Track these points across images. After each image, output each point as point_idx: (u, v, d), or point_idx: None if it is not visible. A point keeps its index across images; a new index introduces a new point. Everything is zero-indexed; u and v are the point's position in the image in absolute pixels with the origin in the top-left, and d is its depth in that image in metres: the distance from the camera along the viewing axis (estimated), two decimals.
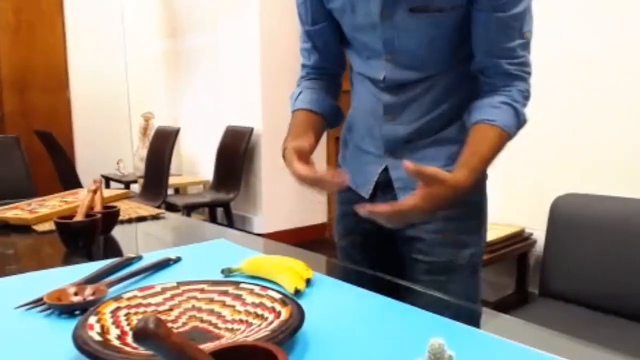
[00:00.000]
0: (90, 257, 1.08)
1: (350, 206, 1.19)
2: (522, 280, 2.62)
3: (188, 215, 3.84)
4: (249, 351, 0.48)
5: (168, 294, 0.77)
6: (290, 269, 0.87)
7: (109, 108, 5.05)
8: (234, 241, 1.15)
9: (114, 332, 0.65)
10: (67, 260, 1.08)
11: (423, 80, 1.03)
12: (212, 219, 4.34)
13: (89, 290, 0.80)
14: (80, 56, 4.89)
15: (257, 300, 0.74)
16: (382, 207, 0.84)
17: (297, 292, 0.81)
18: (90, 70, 4.93)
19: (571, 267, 1.91)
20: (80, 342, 0.60)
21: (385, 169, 1.09)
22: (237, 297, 0.76)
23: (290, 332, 0.63)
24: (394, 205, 0.83)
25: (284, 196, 4.24)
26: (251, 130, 4.10)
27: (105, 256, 1.02)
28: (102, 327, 0.65)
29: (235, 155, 4.13)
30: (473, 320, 0.78)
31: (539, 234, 2.41)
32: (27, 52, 4.65)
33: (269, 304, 0.72)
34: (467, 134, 0.96)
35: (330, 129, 1.17)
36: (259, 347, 0.49)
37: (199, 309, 0.75)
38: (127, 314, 0.70)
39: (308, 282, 0.87)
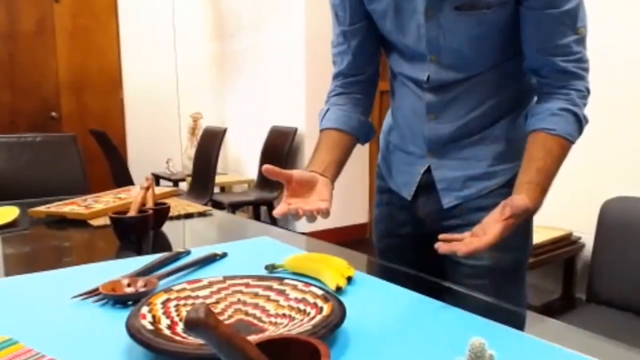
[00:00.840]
0: (141, 251, 1.12)
1: (388, 208, 1.18)
2: (568, 285, 2.55)
3: (233, 213, 3.91)
4: (292, 344, 0.50)
5: (215, 288, 0.80)
6: (332, 267, 0.89)
7: (160, 109, 5.20)
8: (277, 239, 1.17)
9: (164, 322, 0.68)
10: (120, 253, 1.13)
11: (468, 79, 1.01)
12: (256, 217, 4.40)
13: (141, 282, 0.84)
14: (133, 59, 5.05)
15: (300, 295, 0.76)
16: (459, 247, 0.83)
17: (339, 290, 0.83)
18: (142, 72, 5.09)
19: (620, 273, 1.85)
20: (133, 330, 0.64)
21: (428, 170, 1.08)
22: (281, 292, 0.78)
23: (331, 327, 0.65)
24: (470, 246, 0.82)
25: None
26: (295, 130, 4.14)
27: (156, 250, 1.07)
28: (154, 317, 0.68)
29: (279, 155, 4.18)
30: (515, 322, 0.77)
31: (587, 238, 2.33)
32: (83, 55, 4.84)
33: (311, 299, 0.74)
34: (527, 141, 0.94)
35: (362, 144, 1.12)
36: (302, 340, 0.50)
37: (244, 303, 0.77)
38: (176, 305, 0.73)
39: (349, 280, 0.88)
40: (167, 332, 0.65)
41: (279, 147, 4.20)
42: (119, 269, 0.92)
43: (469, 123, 1.03)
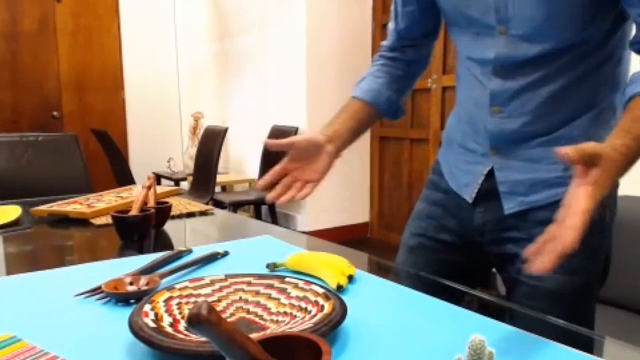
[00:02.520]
0: (143, 250, 1.13)
1: (434, 208, 1.08)
2: None
3: (234, 212, 3.91)
4: (294, 341, 0.50)
5: (217, 286, 0.80)
6: (333, 266, 0.89)
7: (161, 108, 5.21)
8: (279, 238, 1.18)
9: (167, 320, 0.68)
10: (122, 252, 1.14)
11: (541, 61, 0.88)
12: (257, 216, 4.41)
13: (143, 280, 0.84)
14: (135, 59, 5.06)
15: (301, 294, 0.76)
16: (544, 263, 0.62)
17: (340, 288, 0.83)
18: (144, 72, 5.10)
19: (621, 272, 1.85)
20: (136, 328, 0.64)
21: (491, 174, 0.97)
22: (282, 290, 0.79)
23: (332, 325, 0.65)
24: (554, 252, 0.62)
25: (327, 195, 4.26)
26: (296, 130, 4.15)
27: (158, 249, 1.07)
28: (156, 315, 0.69)
29: (281, 154, 4.16)
30: (518, 323, 0.78)
31: None
32: (85, 55, 4.85)
33: (312, 298, 0.74)
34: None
35: (390, 119, 1.14)
36: (304, 338, 0.51)
37: (246, 301, 0.77)
38: (179, 304, 0.74)
39: (351, 279, 0.88)
40: (169, 329, 0.66)
41: None
42: (122, 268, 0.92)
43: (538, 120, 0.90)
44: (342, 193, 4.31)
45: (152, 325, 0.65)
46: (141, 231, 1.17)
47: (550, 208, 0.89)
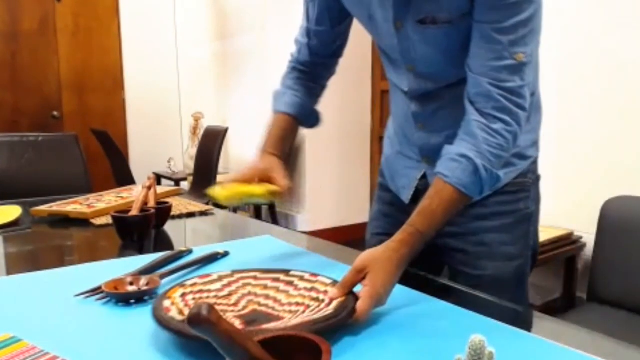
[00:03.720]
0: (143, 250, 1.13)
1: (388, 207, 1.17)
2: (569, 284, 2.55)
3: (234, 212, 3.91)
4: (294, 341, 0.51)
5: (225, 281, 0.81)
6: (259, 187, 0.92)
7: (161, 108, 5.21)
8: (279, 238, 1.18)
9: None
10: (122, 252, 1.14)
11: (449, 89, 0.96)
12: (257, 216, 4.41)
13: (143, 280, 0.85)
14: (135, 59, 5.06)
15: (308, 285, 0.79)
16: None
17: (274, 195, 0.88)
18: (144, 72, 5.09)
19: (622, 272, 1.85)
20: (164, 322, 0.64)
21: (425, 175, 1.06)
22: (289, 283, 0.81)
23: (351, 310, 0.67)
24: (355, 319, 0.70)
25: (327, 195, 4.26)
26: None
27: (158, 249, 1.07)
28: (178, 310, 0.70)
29: None
30: (515, 320, 0.78)
31: (589, 237, 2.33)
32: (85, 55, 4.84)
33: (321, 288, 0.77)
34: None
35: (308, 128, 1.17)
36: (303, 337, 0.51)
37: (255, 294, 0.79)
38: (194, 298, 0.75)
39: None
40: None
41: None
42: (122, 268, 0.92)
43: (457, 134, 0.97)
44: (342, 193, 4.31)
45: (179, 317, 0.66)
46: (141, 231, 1.17)
47: (481, 203, 0.99)
